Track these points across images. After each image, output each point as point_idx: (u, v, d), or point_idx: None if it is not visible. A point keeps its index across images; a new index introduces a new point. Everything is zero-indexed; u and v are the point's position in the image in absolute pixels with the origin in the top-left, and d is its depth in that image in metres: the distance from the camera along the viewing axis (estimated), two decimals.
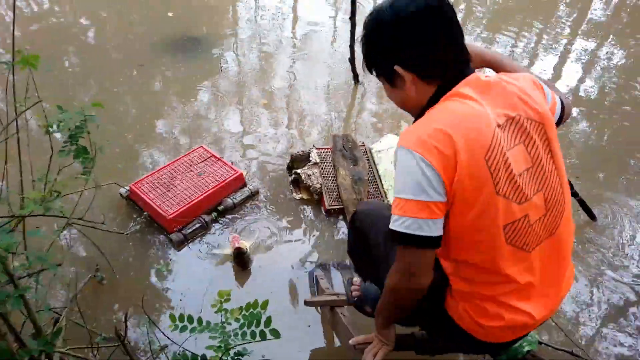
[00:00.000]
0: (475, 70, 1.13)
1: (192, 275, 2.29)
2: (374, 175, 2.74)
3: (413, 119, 1.20)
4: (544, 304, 1.21)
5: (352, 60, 3.45)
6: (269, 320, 1.22)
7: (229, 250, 2.35)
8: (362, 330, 1.65)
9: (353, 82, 3.60)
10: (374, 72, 1.21)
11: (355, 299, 1.70)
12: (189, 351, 1.32)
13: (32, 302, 1.60)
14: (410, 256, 1.08)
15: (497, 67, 1.36)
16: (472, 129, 1.02)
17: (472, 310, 1.20)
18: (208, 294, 2.18)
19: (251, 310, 1.25)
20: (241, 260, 2.30)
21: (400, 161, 1.05)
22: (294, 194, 2.73)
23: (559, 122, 1.24)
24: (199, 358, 1.30)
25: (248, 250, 2.32)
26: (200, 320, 1.29)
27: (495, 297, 1.16)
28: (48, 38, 4.05)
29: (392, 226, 1.06)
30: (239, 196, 2.66)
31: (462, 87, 1.09)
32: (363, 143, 2.93)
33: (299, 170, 2.71)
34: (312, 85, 3.66)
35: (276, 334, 1.22)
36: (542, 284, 1.19)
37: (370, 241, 1.46)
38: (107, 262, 2.19)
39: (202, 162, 2.73)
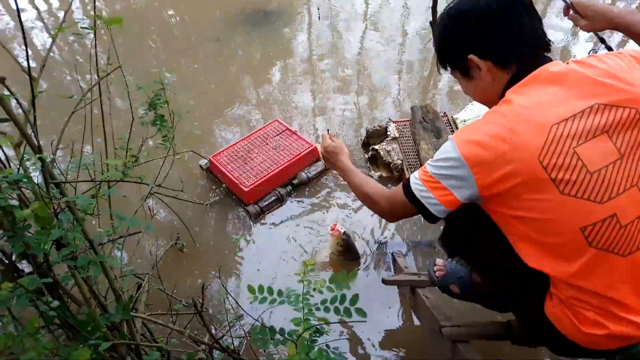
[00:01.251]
0: (553, 60, 1.06)
1: (268, 248, 2.28)
2: None
3: None
4: None
5: (432, 23, 3.19)
6: (355, 298, 1.13)
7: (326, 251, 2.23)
8: (448, 313, 1.52)
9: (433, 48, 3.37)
10: (448, 68, 1.19)
11: (439, 279, 1.57)
12: (265, 325, 1.29)
13: (117, 269, 1.67)
14: (404, 207, 1.16)
15: None
16: (523, 131, 0.96)
17: (573, 315, 1.07)
18: (282, 267, 2.16)
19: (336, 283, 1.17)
20: (350, 248, 2.10)
21: (445, 146, 1.07)
22: (372, 172, 2.60)
23: None
24: (278, 331, 1.25)
25: (349, 239, 2.11)
26: (280, 293, 1.23)
27: (596, 305, 1.03)
28: (130, 15, 4.21)
29: (411, 182, 1.13)
30: (313, 170, 2.60)
31: (530, 81, 1.02)
32: (445, 113, 2.72)
33: (376, 147, 2.57)
34: (385, 58, 3.50)
35: (363, 313, 1.12)
36: None
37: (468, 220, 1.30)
38: (187, 231, 2.24)
39: (277, 135, 2.69)
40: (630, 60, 1.02)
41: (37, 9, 4.36)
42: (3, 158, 1.05)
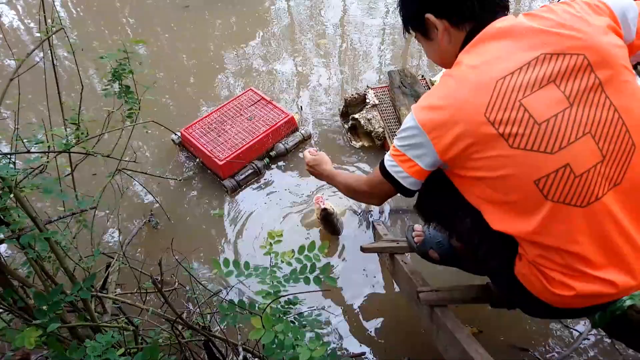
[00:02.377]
0: (506, 14, 1.05)
1: (246, 222, 2.21)
2: None
3: None
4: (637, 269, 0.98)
5: None
6: (326, 267, 1.09)
7: (312, 217, 2.17)
8: (426, 278, 1.48)
9: None
10: (410, 30, 1.19)
11: (418, 244, 1.52)
12: (232, 302, 1.23)
13: (86, 249, 1.59)
14: (382, 186, 1.18)
15: None
16: (469, 91, 0.96)
17: (542, 275, 1.03)
18: (260, 241, 2.10)
19: (306, 253, 1.13)
20: (329, 223, 2.03)
21: (408, 118, 1.06)
22: (353, 142, 2.51)
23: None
24: (247, 306, 1.19)
25: (335, 211, 2.04)
26: (247, 265, 1.18)
27: (560, 263, 0.99)
28: None
29: (384, 160, 1.15)
30: (291, 141, 2.51)
31: (479, 41, 1.01)
32: (423, 76, 2.63)
33: (356, 116, 2.47)
34: (365, 25, 3.39)
35: (332, 281, 1.10)
36: (628, 245, 0.97)
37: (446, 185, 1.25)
38: (161, 208, 2.17)
39: (251, 105, 2.59)
40: (582, 7, 1.00)
41: None
42: None
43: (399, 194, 1.18)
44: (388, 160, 1.14)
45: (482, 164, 0.97)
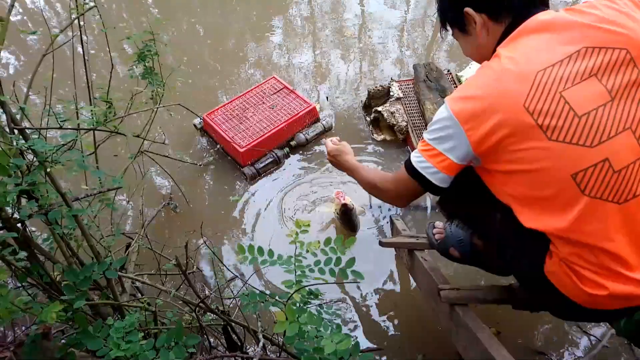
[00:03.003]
0: (545, 9, 1.03)
1: (264, 210, 2.21)
2: None
3: None
4: None
5: None
6: (351, 261, 1.10)
7: (327, 208, 2.15)
8: (447, 275, 1.46)
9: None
10: (448, 26, 1.19)
11: (439, 242, 1.50)
12: (255, 288, 1.23)
13: (107, 229, 1.60)
14: (408, 184, 1.14)
15: None
16: (508, 80, 0.94)
17: (574, 274, 1.00)
18: (278, 230, 2.10)
19: (331, 246, 1.13)
20: (348, 219, 2.00)
21: (439, 109, 1.06)
22: (375, 135, 2.48)
23: None
24: (268, 295, 1.19)
25: (355, 208, 2.01)
26: (271, 253, 1.18)
27: (594, 262, 0.97)
28: None
29: (411, 157, 1.12)
30: (312, 132, 2.49)
31: (519, 35, 1.00)
32: (449, 71, 2.58)
33: (379, 108, 2.44)
34: (389, 17, 3.33)
35: (360, 275, 1.09)
36: None
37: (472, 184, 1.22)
38: (180, 192, 2.17)
39: (274, 93, 2.58)
40: (626, 2, 0.98)
41: None
42: None
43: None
44: (415, 156, 1.11)
45: (518, 156, 0.95)
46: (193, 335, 0.99)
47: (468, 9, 1.07)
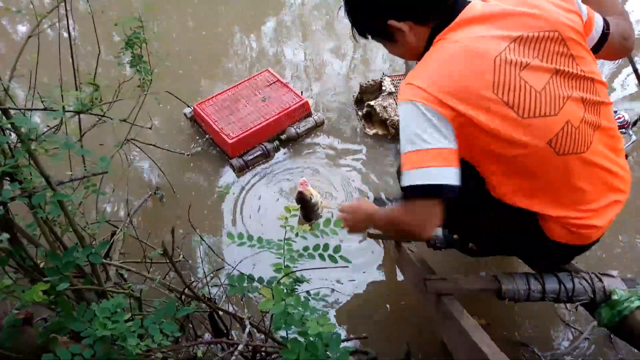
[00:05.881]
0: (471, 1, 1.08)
1: (251, 203, 2.21)
2: None
3: None
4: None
5: None
6: (338, 247, 1.13)
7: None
8: (433, 266, 1.47)
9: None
10: (369, 37, 1.18)
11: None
12: (243, 273, 1.22)
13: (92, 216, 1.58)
14: (423, 208, 1.02)
15: None
16: (470, 69, 0.98)
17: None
18: (264, 222, 2.09)
19: (321, 228, 1.16)
20: (303, 208, 1.97)
21: (404, 115, 1.01)
22: (367, 130, 2.48)
23: (598, 48, 1.16)
24: (256, 279, 1.19)
25: (314, 199, 1.98)
26: (260, 239, 1.18)
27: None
28: None
29: (403, 184, 1.01)
30: (303, 126, 2.49)
31: (457, 26, 1.04)
32: None
33: (372, 103, 2.44)
34: None
35: (347, 260, 1.11)
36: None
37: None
38: (167, 181, 2.16)
39: (267, 86, 2.57)
40: None
41: None
42: None
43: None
44: (410, 175, 0.99)
45: (497, 123, 0.99)
46: (185, 307, 0.98)
47: (392, 22, 1.07)
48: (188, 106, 2.48)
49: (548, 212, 1.12)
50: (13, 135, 1.01)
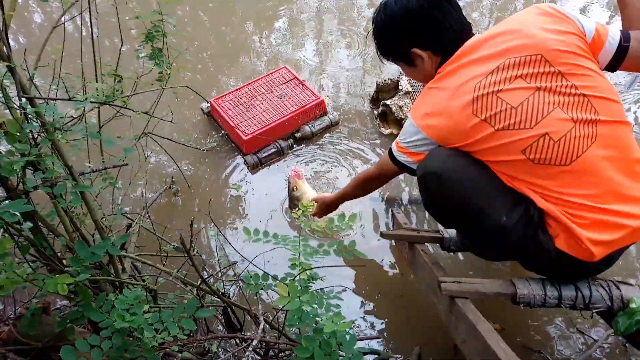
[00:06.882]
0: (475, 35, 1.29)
1: (264, 200, 2.21)
2: None
3: None
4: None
5: None
6: (352, 243, 1.16)
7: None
8: (447, 268, 1.46)
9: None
10: (390, 59, 1.41)
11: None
12: (259, 268, 1.23)
13: (107, 208, 1.60)
14: (394, 170, 1.48)
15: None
16: (457, 97, 1.19)
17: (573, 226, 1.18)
18: (277, 219, 2.10)
19: (336, 223, 1.21)
20: (289, 194, 2.07)
21: (407, 124, 1.34)
22: (382, 129, 2.47)
23: (618, 60, 1.23)
24: (270, 277, 1.20)
25: (297, 193, 2.03)
26: (275, 235, 1.19)
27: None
28: None
29: (393, 152, 1.43)
30: (318, 125, 2.48)
31: (455, 58, 1.25)
32: None
33: (387, 102, 2.42)
34: None
35: (363, 255, 1.17)
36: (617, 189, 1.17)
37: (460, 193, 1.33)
38: (182, 176, 2.17)
39: (283, 84, 2.57)
40: (533, 13, 1.23)
41: None
42: None
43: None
44: (396, 152, 1.40)
45: (478, 139, 1.19)
46: (205, 309, 0.99)
47: (415, 50, 1.30)
48: (206, 101, 2.49)
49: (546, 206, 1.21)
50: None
